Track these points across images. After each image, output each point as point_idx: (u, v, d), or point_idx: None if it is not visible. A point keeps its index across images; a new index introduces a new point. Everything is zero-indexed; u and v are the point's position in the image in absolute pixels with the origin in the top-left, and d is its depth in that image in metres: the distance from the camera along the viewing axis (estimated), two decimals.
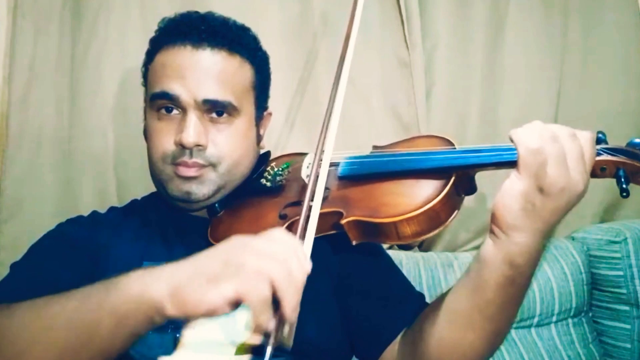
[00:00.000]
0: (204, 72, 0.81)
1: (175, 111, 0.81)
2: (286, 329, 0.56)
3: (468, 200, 1.29)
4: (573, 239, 1.34)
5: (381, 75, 1.32)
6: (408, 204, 0.66)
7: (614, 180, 0.65)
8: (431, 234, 0.67)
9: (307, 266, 0.56)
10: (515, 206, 0.61)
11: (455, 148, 0.73)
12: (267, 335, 0.53)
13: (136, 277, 0.56)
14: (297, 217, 0.69)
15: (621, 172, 0.63)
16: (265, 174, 0.86)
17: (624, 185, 0.62)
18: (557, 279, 1.23)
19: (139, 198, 0.98)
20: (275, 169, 0.86)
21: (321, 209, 0.70)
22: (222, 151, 0.82)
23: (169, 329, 0.73)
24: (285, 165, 0.87)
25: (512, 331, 1.22)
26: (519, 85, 1.38)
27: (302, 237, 0.65)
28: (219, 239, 0.78)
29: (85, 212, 1.06)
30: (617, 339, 1.24)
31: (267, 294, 0.51)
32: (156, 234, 0.86)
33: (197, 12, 0.88)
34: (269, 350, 0.53)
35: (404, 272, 0.99)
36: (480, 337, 0.68)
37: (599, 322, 1.28)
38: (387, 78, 1.33)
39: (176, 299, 0.53)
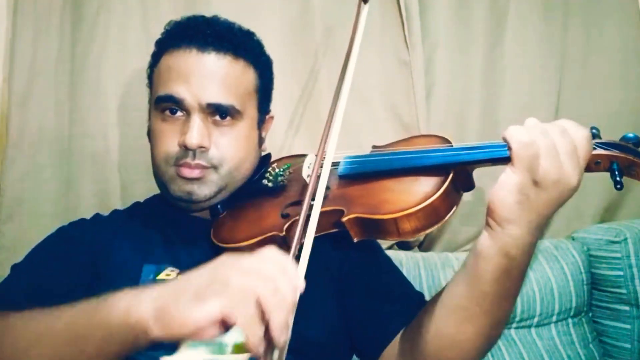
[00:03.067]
0: (209, 75, 0.82)
1: (179, 113, 0.83)
2: (276, 353, 0.54)
3: (468, 201, 1.30)
4: (573, 239, 1.34)
5: (381, 75, 1.32)
6: (408, 200, 0.67)
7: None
8: (430, 230, 0.69)
9: (298, 284, 0.55)
10: (511, 199, 0.62)
11: (452, 146, 0.75)
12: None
13: (125, 295, 0.56)
14: (298, 217, 0.69)
15: (615, 166, 0.65)
16: (267, 175, 0.87)
17: (618, 178, 0.64)
18: (557, 279, 1.23)
19: (141, 200, 0.98)
20: (277, 170, 0.87)
21: (322, 207, 0.71)
22: (224, 153, 0.83)
23: None
24: (286, 166, 0.89)
25: (512, 331, 1.22)
26: (519, 85, 1.38)
27: (302, 235, 0.65)
28: (222, 239, 0.79)
29: (85, 212, 1.06)
30: (617, 339, 1.24)
31: (252, 312, 0.50)
32: (157, 236, 0.86)
33: (203, 16, 0.89)
34: None
35: (404, 272, 0.99)
36: (477, 330, 0.69)
37: (599, 322, 1.28)
38: (387, 78, 1.33)
39: (160, 319, 0.52)
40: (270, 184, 0.85)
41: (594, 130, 0.68)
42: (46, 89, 1.17)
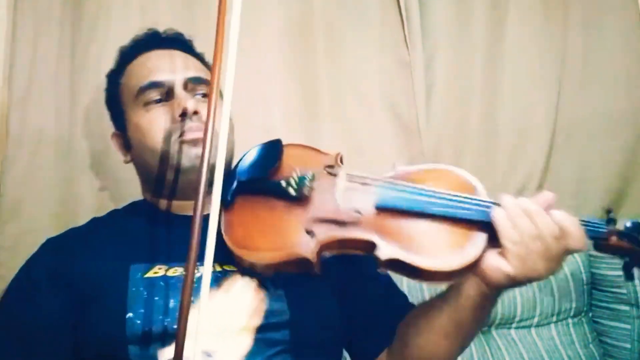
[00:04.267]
0: (182, 61, 0.89)
1: (163, 100, 0.85)
2: None
3: None
4: None
5: (381, 75, 1.32)
6: (448, 258, 0.68)
7: (614, 181, 0.67)
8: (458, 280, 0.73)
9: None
10: (503, 281, 0.70)
11: (483, 197, 0.73)
12: None
13: None
14: (329, 238, 0.70)
15: (627, 260, 0.73)
16: (290, 181, 0.77)
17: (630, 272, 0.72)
18: (557, 279, 1.23)
19: (119, 208, 0.97)
20: (300, 175, 0.77)
21: (353, 233, 0.70)
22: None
23: (165, 321, 0.74)
24: (311, 176, 0.78)
25: (512, 331, 1.22)
26: (518, 85, 1.38)
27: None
28: (237, 242, 0.73)
29: (85, 213, 1.06)
30: (617, 339, 1.25)
31: None
32: (142, 237, 0.86)
33: (154, 29, 0.96)
34: None
35: None
36: (453, 343, 0.80)
37: (599, 322, 1.28)
38: (387, 78, 1.33)
39: None
40: (293, 192, 0.75)
41: (611, 215, 0.74)
42: (46, 89, 1.16)
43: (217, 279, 0.78)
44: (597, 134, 1.42)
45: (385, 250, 0.68)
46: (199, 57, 0.94)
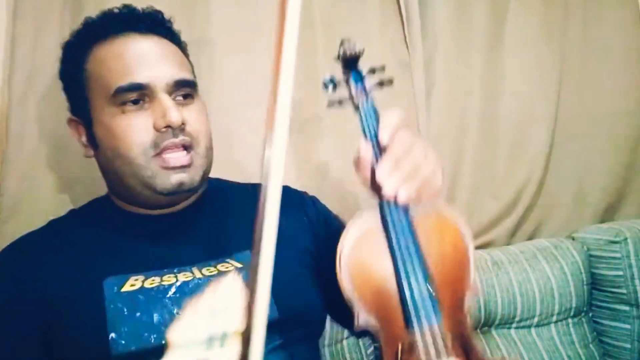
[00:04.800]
0: (162, 55, 0.80)
1: (141, 101, 0.77)
2: None
3: (471, 199, 1.29)
4: (573, 239, 1.34)
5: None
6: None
7: (614, 181, 0.68)
8: None
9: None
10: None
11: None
12: None
13: None
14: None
15: None
16: None
17: None
18: (557, 279, 1.23)
19: (76, 207, 0.93)
20: None
21: (467, 329, 0.70)
22: (198, 128, 0.79)
23: (152, 337, 0.70)
24: None
25: (512, 331, 1.22)
26: (518, 85, 1.38)
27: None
28: None
29: None
30: (617, 339, 1.25)
31: None
32: (111, 244, 0.79)
33: (130, 5, 0.85)
34: None
35: None
36: None
37: (599, 322, 1.28)
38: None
39: None
40: None
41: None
42: (46, 89, 1.17)
43: (199, 286, 0.74)
44: (597, 134, 1.42)
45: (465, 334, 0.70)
46: (177, 41, 0.86)
